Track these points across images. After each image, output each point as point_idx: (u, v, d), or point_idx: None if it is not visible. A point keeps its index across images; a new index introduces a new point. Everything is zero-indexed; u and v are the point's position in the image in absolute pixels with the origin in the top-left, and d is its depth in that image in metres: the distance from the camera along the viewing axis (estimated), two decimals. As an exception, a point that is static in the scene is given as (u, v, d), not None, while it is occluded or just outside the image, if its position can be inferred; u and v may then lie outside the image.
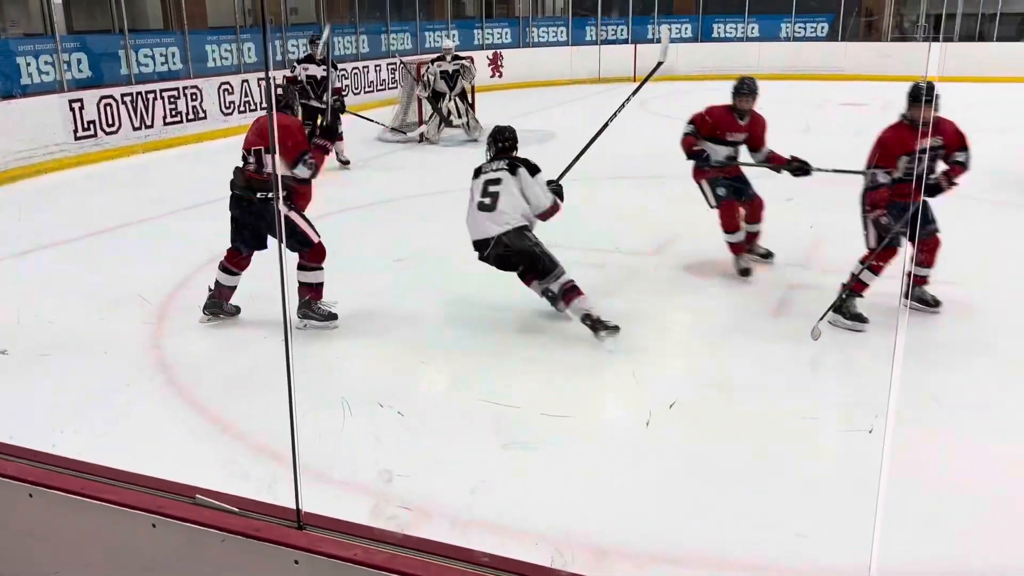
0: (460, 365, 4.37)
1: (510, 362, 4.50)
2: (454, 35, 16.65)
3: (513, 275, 4.94)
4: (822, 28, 20.05)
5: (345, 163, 9.85)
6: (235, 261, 4.96)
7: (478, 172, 4.93)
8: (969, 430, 3.73)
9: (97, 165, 10.25)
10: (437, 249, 6.51)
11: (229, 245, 4.94)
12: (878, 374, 4.07)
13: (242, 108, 12.54)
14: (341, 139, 9.34)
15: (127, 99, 10.85)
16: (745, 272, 5.73)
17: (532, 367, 4.43)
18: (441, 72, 11.29)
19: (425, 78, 11.46)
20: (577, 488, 3.33)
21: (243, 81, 12.61)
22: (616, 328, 4.51)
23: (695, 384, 4.23)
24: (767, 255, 6.13)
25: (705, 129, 5.83)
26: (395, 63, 12.92)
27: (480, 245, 4.76)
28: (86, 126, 10.30)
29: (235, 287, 5.02)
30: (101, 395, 4.18)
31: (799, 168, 5.69)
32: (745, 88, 5.76)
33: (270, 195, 4.72)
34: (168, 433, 3.84)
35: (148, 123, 11.10)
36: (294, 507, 1.69)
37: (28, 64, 10.06)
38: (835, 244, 6.50)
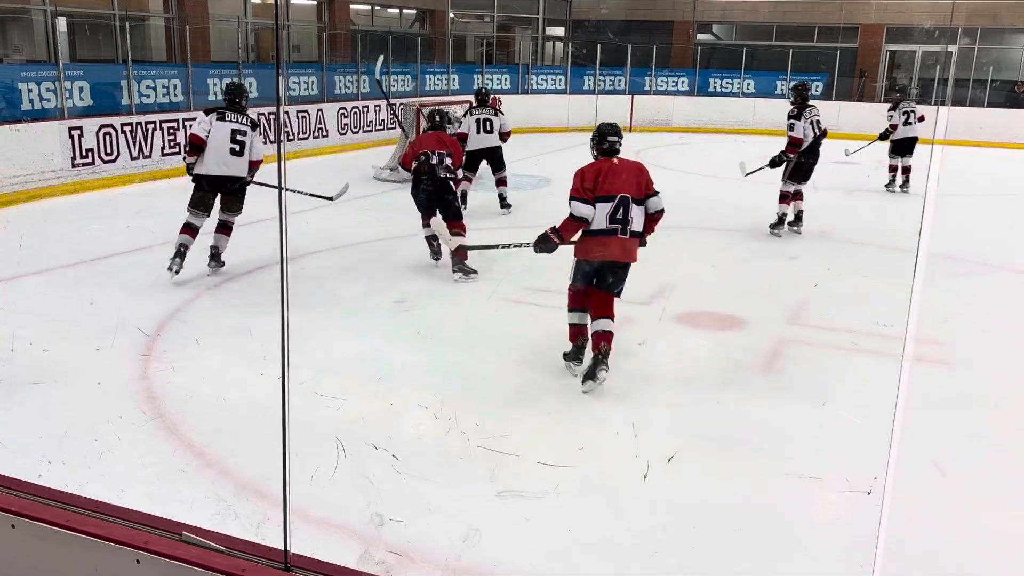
0: (458, 410, 4.31)
1: (509, 409, 4.45)
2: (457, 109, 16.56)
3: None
4: (817, 87, 20.35)
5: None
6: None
7: None
8: (969, 494, 3.70)
9: (94, 193, 10.23)
10: (437, 291, 6.50)
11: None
12: (876, 433, 4.04)
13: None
14: None
15: (127, 128, 10.87)
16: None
17: (531, 415, 4.39)
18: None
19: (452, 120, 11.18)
20: (572, 540, 3.27)
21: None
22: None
23: (694, 438, 4.19)
24: None
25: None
26: (395, 104, 12.97)
27: None
28: (84, 154, 10.30)
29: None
30: (90, 426, 4.10)
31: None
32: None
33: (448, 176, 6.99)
34: (155, 467, 3.76)
35: (146, 153, 11.11)
36: (282, 548, 1.65)
37: (30, 90, 10.09)
38: (825, 301, 6.53)
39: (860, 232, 9.07)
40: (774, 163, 8.65)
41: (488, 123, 9.89)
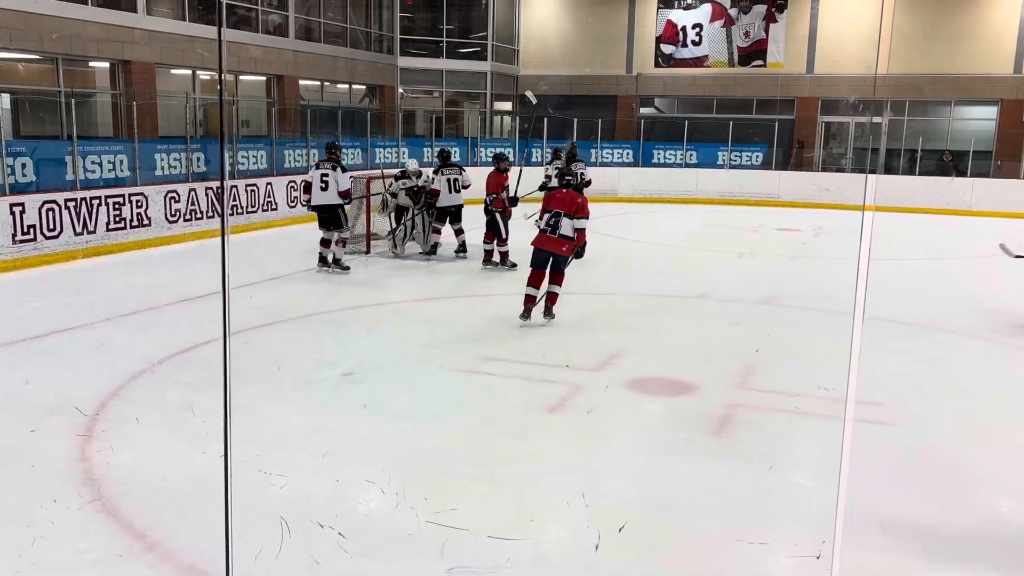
0: (406, 484, 4.24)
1: (458, 482, 4.39)
2: (413, 161, 16.86)
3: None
4: (756, 157, 21.05)
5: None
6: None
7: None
8: (914, 557, 3.74)
9: (36, 269, 10.03)
10: (387, 362, 6.45)
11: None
12: (824, 496, 4.09)
13: (188, 216, 12.49)
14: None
15: (70, 204, 10.73)
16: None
17: (481, 487, 4.33)
18: (406, 190, 11.29)
19: (386, 193, 11.47)
20: (524, 615, 3.22)
21: (190, 190, 12.61)
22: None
23: (644, 506, 4.17)
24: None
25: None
26: (308, 180, 13.08)
27: None
28: (26, 230, 10.13)
29: None
30: (23, 511, 3.94)
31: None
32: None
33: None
34: (93, 552, 3.62)
35: (91, 229, 10.97)
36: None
37: (-30, 167, 9.94)
38: (770, 365, 6.64)
39: (801, 297, 9.28)
40: None
41: (456, 182, 11.20)
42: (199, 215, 12.72)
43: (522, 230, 10.76)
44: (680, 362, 6.63)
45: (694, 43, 23.11)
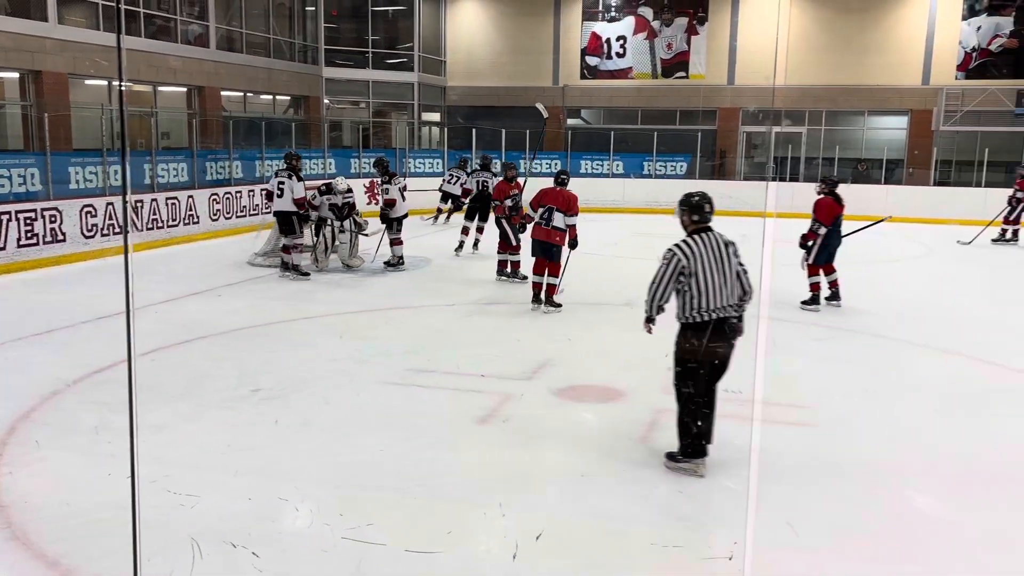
0: (322, 501, 4.19)
1: (373, 496, 4.35)
2: (342, 179, 16.71)
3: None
4: (681, 166, 21.47)
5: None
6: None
7: None
8: (823, 554, 3.86)
9: (-62, 288, 9.62)
10: (312, 377, 6.36)
11: None
12: (739, 498, 4.19)
13: (105, 231, 12.13)
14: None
15: (-23, 220, 10.33)
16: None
17: (397, 500, 4.30)
18: (330, 205, 11.08)
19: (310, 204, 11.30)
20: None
21: (108, 204, 12.25)
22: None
23: (564, 514, 4.21)
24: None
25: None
26: (268, 188, 12.84)
27: None
28: (-71, 247, 9.71)
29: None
30: (-82, 543, 3.78)
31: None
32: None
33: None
34: (-7, 584, 3.49)
35: (0, 245, 10.57)
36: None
37: None
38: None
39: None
40: None
41: (405, 190, 11.35)
42: (117, 230, 12.36)
43: (429, 236, 10.71)
44: (608, 369, 6.69)
45: (618, 55, 23.48)
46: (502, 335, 7.64)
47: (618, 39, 23.43)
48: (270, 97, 20.88)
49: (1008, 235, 14.93)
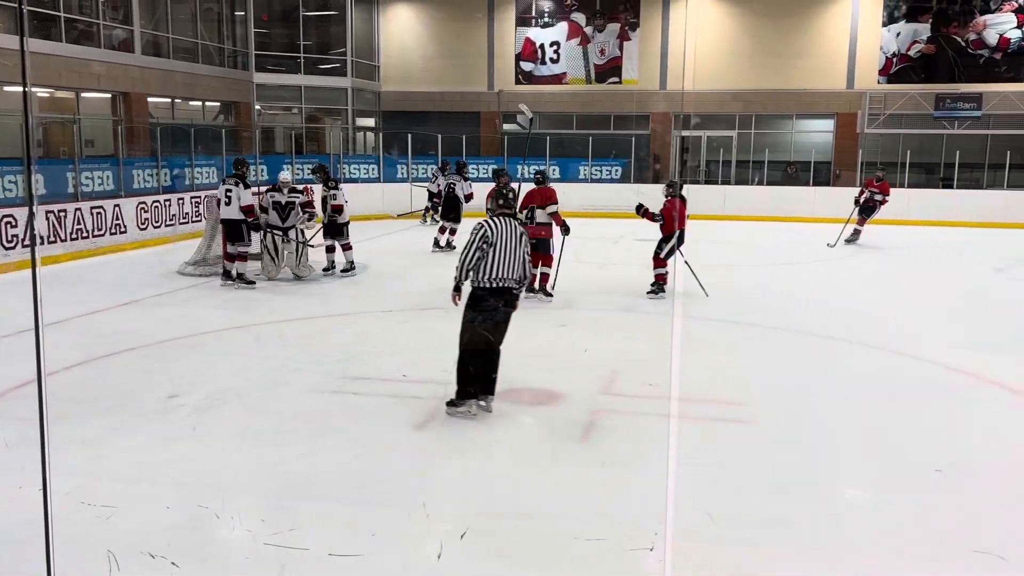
0: (244, 509, 4.12)
1: (299, 503, 4.30)
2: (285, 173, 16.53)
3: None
4: (616, 171, 21.73)
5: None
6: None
7: None
8: (740, 540, 3.94)
9: None
10: (245, 387, 6.23)
11: None
12: (659, 491, 4.25)
13: (27, 242, 11.74)
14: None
15: None
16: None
17: (323, 506, 4.26)
18: (274, 203, 10.75)
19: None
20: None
21: (29, 214, 11.87)
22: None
23: (490, 513, 4.22)
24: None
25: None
26: (199, 197, 12.64)
27: None
28: None
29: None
30: None
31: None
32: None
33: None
34: None
35: (-88, 257, 10.18)
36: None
37: None
38: (634, 371, 6.85)
39: (662, 304, 9.64)
40: None
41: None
42: (41, 240, 11.99)
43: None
44: (546, 372, 6.69)
45: (552, 61, 23.66)
46: (441, 340, 7.56)
47: (552, 45, 23.61)
48: (199, 103, 20.50)
49: (851, 234, 15.51)
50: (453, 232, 13.76)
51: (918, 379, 6.78)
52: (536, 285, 9.37)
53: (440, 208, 14.83)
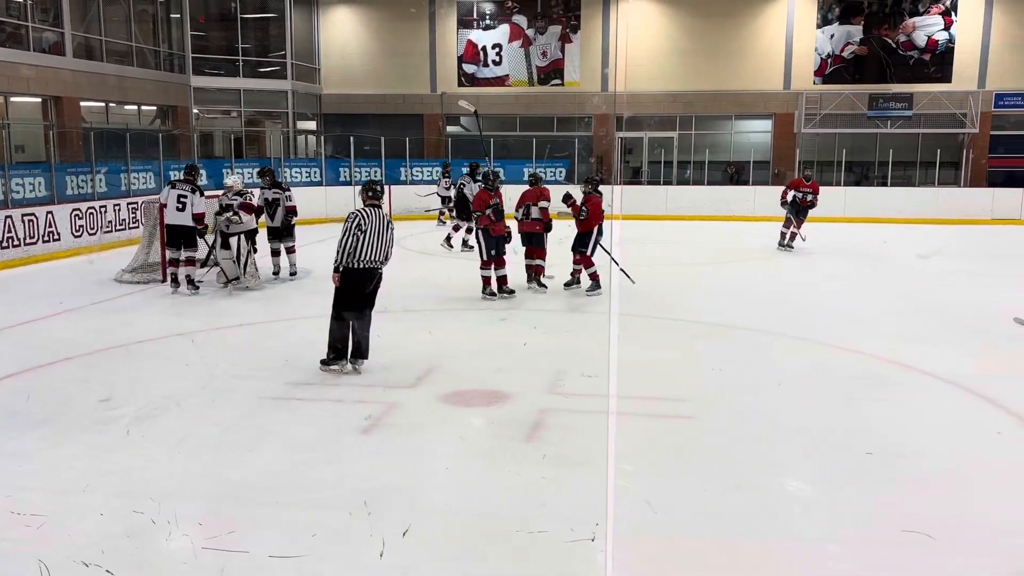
0: (182, 514, 4.05)
1: (239, 507, 4.25)
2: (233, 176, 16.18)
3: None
4: (560, 172, 21.85)
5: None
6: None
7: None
8: (679, 529, 4.01)
9: None
10: (185, 395, 6.10)
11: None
12: (600, 483, 4.30)
13: (-47, 251, 11.38)
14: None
15: None
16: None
17: (263, 510, 4.21)
18: (220, 204, 10.38)
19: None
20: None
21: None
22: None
23: (432, 510, 4.22)
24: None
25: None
26: (136, 202, 12.37)
27: None
28: None
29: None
30: None
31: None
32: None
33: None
34: None
35: None
36: None
37: None
38: (579, 369, 6.90)
39: (605, 303, 9.73)
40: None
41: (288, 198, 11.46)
42: (-34, 249, 11.63)
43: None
44: (493, 373, 6.69)
45: (495, 63, 23.72)
46: (384, 342, 7.53)
47: (494, 47, 23.67)
48: (135, 107, 20.07)
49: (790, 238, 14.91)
50: (470, 231, 13.94)
51: (854, 371, 6.96)
52: (538, 275, 10.34)
53: (454, 208, 15.06)
